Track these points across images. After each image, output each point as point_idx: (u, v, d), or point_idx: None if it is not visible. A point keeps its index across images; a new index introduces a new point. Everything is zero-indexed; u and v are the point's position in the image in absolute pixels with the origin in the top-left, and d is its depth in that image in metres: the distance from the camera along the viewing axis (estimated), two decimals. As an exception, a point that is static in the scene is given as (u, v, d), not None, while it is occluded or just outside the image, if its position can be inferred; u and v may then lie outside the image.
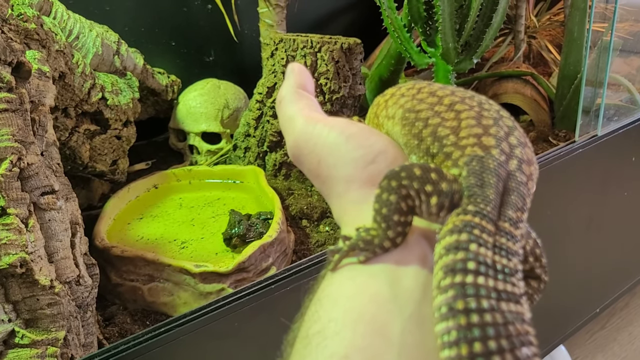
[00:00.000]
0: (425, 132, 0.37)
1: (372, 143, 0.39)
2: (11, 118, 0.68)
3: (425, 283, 0.31)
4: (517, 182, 0.33)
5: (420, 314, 0.30)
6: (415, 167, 0.32)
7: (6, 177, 0.66)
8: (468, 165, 0.33)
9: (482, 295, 0.26)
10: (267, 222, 0.99)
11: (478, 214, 0.30)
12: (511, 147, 0.34)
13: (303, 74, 0.45)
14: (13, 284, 0.68)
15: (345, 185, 0.38)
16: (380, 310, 0.30)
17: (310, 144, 0.39)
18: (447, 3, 1.07)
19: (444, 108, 0.37)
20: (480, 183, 0.32)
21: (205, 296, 0.86)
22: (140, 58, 1.23)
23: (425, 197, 0.32)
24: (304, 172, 0.41)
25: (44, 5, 0.96)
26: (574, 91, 1.37)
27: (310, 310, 0.33)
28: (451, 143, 0.35)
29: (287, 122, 0.42)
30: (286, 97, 0.44)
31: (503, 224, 0.30)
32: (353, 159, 0.38)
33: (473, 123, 0.35)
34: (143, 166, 1.33)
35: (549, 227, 1.24)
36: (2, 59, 0.67)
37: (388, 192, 0.32)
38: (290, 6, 1.47)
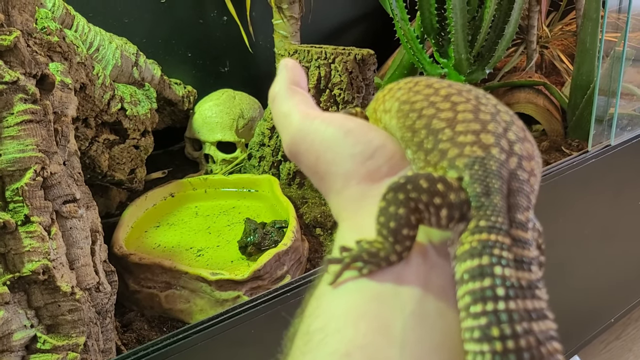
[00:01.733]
0: (419, 123, 0.36)
1: (371, 139, 0.38)
2: (35, 129, 0.70)
3: (426, 279, 0.31)
4: (519, 181, 0.33)
5: (421, 310, 0.30)
6: (420, 179, 0.32)
7: (30, 186, 0.68)
8: (470, 170, 0.32)
9: (515, 320, 0.27)
10: (282, 231, 1.01)
11: (493, 230, 0.30)
12: (510, 143, 0.34)
13: (296, 69, 0.44)
14: (35, 291, 0.69)
15: (344, 182, 0.37)
16: (381, 307, 0.30)
17: (308, 140, 0.39)
18: (460, 15, 1.09)
19: (439, 99, 0.36)
20: (486, 191, 0.31)
21: (222, 303, 0.88)
22: (158, 69, 1.25)
23: (435, 209, 0.31)
24: (302, 168, 0.40)
25: (66, 19, 0.98)
26: (587, 101, 1.37)
27: (311, 306, 0.33)
28: (447, 138, 0.34)
29: (282, 119, 0.41)
30: (279, 94, 0.42)
31: (516, 232, 0.31)
32: (351, 155, 0.37)
33: (470, 117, 0.34)
34: (159, 175, 1.35)
35: (563, 237, 1.24)
36: (27, 72, 0.70)
37: (396, 205, 0.32)
38: (304, 17, 1.49)
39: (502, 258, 0.29)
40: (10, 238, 0.67)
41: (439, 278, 0.32)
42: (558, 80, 1.79)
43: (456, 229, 0.32)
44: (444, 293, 0.31)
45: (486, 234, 0.30)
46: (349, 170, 0.37)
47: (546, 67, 1.86)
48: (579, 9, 1.77)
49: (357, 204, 0.36)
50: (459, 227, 0.32)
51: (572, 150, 1.35)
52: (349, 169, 0.37)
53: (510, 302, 0.28)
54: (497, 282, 0.28)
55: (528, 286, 0.28)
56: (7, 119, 0.68)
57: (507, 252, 0.29)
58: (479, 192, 0.31)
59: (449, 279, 0.31)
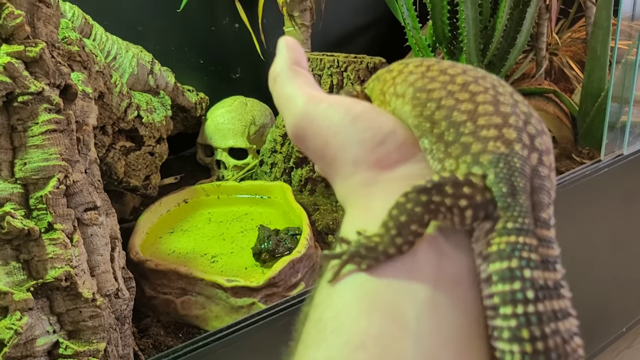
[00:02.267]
0: (439, 114, 0.35)
1: (381, 124, 0.37)
2: (59, 138, 0.71)
3: (437, 268, 0.31)
4: (541, 177, 0.33)
5: (434, 299, 0.30)
6: (446, 185, 0.32)
7: (54, 194, 0.70)
8: (495, 168, 0.32)
9: (544, 322, 0.28)
10: (295, 238, 1.02)
11: (521, 232, 0.31)
12: (531, 137, 0.34)
13: (297, 49, 0.42)
14: (58, 297, 0.71)
15: (353, 167, 0.36)
16: (394, 296, 0.30)
17: (314, 125, 0.37)
18: (472, 24, 1.10)
19: (457, 88, 0.36)
20: (512, 190, 0.31)
21: (237, 310, 0.88)
22: (172, 76, 1.27)
23: (459, 211, 0.32)
24: (307, 153, 0.39)
25: (84, 28, 1.00)
26: (598, 109, 1.38)
27: (322, 294, 0.32)
28: (469, 132, 0.34)
29: (285, 102, 0.40)
30: (281, 74, 0.41)
31: (541, 232, 0.31)
32: (361, 141, 0.36)
33: (491, 110, 0.34)
34: (172, 180, 1.36)
35: (575, 246, 1.25)
36: (52, 82, 0.71)
37: (415, 203, 0.31)
38: (315, 25, 1.50)
39: (530, 260, 0.30)
40: (34, 245, 0.69)
41: (450, 267, 0.32)
42: (567, 87, 1.80)
43: (481, 227, 0.32)
44: (456, 282, 0.31)
45: (514, 236, 0.31)
46: (358, 156, 0.36)
47: (555, 74, 1.86)
48: (588, 17, 1.77)
49: (366, 189, 0.36)
50: (484, 225, 0.32)
51: (583, 157, 1.35)
52: (358, 154, 0.36)
53: (539, 305, 0.29)
54: (527, 284, 0.29)
55: (554, 286, 0.30)
56: (32, 129, 0.69)
57: (535, 254, 0.30)
58: (505, 192, 0.32)
59: (461, 266, 0.32)
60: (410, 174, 0.35)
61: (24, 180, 0.69)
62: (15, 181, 0.69)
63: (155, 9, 1.37)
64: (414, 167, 0.36)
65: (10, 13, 0.67)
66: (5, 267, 0.68)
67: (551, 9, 1.73)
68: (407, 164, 0.36)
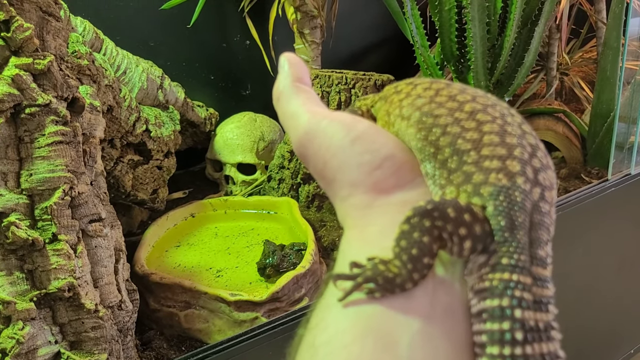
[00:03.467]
0: (443, 140, 0.35)
1: (379, 147, 0.37)
2: (65, 150, 0.72)
3: (432, 296, 0.31)
4: (541, 213, 0.32)
5: (427, 329, 0.30)
6: (448, 207, 0.31)
7: (59, 205, 0.70)
8: (495, 200, 0.32)
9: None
10: (300, 253, 1.01)
11: (515, 270, 0.30)
12: (535, 171, 0.33)
13: (299, 65, 0.42)
14: (60, 307, 0.71)
15: (350, 190, 0.36)
16: (388, 324, 0.30)
17: (315, 144, 0.37)
18: (480, 43, 1.10)
19: (464, 115, 0.35)
20: (510, 225, 0.31)
21: (240, 324, 0.88)
22: (182, 92, 1.28)
23: (459, 239, 0.31)
24: (309, 170, 0.39)
25: (95, 42, 1.02)
26: (607, 129, 1.37)
27: (317, 317, 0.32)
28: (472, 161, 0.33)
29: (289, 120, 0.40)
30: (284, 92, 0.41)
31: (537, 270, 0.31)
32: (359, 164, 0.36)
33: (497, 141, 0.34)
34: (180, 195, 1.37)
35: (581, 266, 1.23)
36: (59, 95, 0.72)
37: (421, 232, 0.31)
38: (325, 43, 1.52)
39: (522, 300, 0.29)
40: (38, 255, 0.69)
41: (445, 295, 0.31)
42: (578, 107, 1.79)
43: (475, 259, 0.32)
44: (451, 311, 0.31)
45: (508, 273, 0.30)
46: (356, 179, 0.36)
47: (566, 94, 1.86)
48: (599, 37, 1.77)
49: (362, 212, 0.36)
50: (478, 258, 0.31)
51: (592, 178, 1.34)
52: (355, 178, 0.36)
53: (527, 347, 0.28)
54: (517, 325, 0.29)
55: (545, 328, 0.29)
56: (39, 140, 0.70)
57: (528, 294, 0.30)
58: (503, 225, 0.31)
59: (455, 296, 0.31)
60: (407, 199, 0.35)
61: (29, 191, 0.70)
62: (21, 192, 0.70)
63: (167, 25, 1.39)
64: (412, 192, 0.36)
65: (20, 26, 0.69)
66: (9, 276, 0.68)
67: (561, 28, 1.73)
68: (404, 189, 0.36)
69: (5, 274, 0.68)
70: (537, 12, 1.15)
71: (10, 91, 0.67)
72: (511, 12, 1.11)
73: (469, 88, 0.38)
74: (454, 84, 0.39)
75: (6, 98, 0.67)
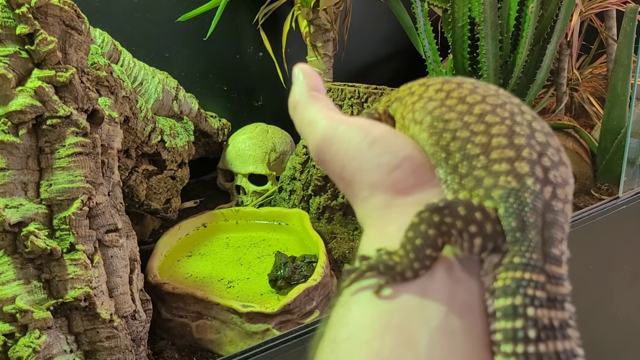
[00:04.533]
0: (454, 145, 0.35)
1: (398, 149, 0.37)
2: (84, 161, 0.73)
3: (451, 293, 0.31)
4: (554, 212, 0.33)
5: (447, 325, 0.30)
6: (459, 205, 0.32)
7: (77, 215, 0.72)
8: (505, 202, 0.32)
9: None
10: (312, 266, 1.02)
11: (527, 268, 0.31)
12: (545, 170, 0.33)
13: (313, 74, 0.43)
14: (76, 317, 0.72)
15: (369, 191, 0.37)
16: (408, 320, 0.30)
17: (334, 148, 0.38)
18: (493, 59, 1.11)
19: (473, 119, 0.36)
20: (522, 225, 0.31)
21: (251, 335, 0.89)
22: (195, 103, 1.29)
23: (469, 237, 0.32)
24: (328, 174, 0.40)
25: (113, 54, 1.03)
26: (617, 145, 1.37)
27: (337, 314, 0.33)
28: (482, 166, 0.34)
29: (307, 127, 0.40)
30: (301, 101, 0.41)
31: (550, 268, 0.31)
32: (377, 165, 0.37)
33: (505, 143, 0.34)
34: (191, 204, 1.38)
35: (592, 282, 1.23)
36: (80, 107, 0.73)
37: (428, 225, 0.32)
38: (337, 55, 1.53)
39: (535, 298, 0.30)
40: (56, 265, 0.70)
41: (464, 293, 0.32)
42: (587, 123, 1.79)
43: (490, 259, 0.32)
44: (469, 308, 0.31)
45: (520, 272, 0.31)
46: (375, 180, 0.37)
47: (576, 110, 1.86)
48: (609, 54, 1.78)
49: (381, 212, 0.36)
50: (492, 258, 0.32)
51: (602, 194, 1.34)
52: (374, 178, 0.37)
53: (541, 345, 0.28)
54: (529, 323, 0.29)
55: (560, 326, 0.29)
56: (59, 151, 0.71)
57: (541, 291, 0.30)
58: (514, 226, 0.32)
59: (474, 294, 0.32)
60: (426, 199, 0.36)
61: (48, 200, 0.71)
62: (40, 201, 0.72)
63: (182, 37, 1.41)
64: (430, 192, 0.36)
65: (44, 39, 0.70)
66: (27, 285, 0.69)
67: (572, 45, 1.74)
68: (423, 188, 0.37)
69: (23, 282, 0.69)
70: (550, 30, 1.16)
71: (32, 103, 0.69)
72: (524, 29, 1.12)
73: (480, 86, 0.38)
74: (465, 82, 0.39)
75: (28, 109, 0.69)
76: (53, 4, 0.72)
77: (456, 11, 1.14)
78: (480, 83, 0.39)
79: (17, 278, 0.69)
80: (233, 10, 1.44)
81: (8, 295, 0.67)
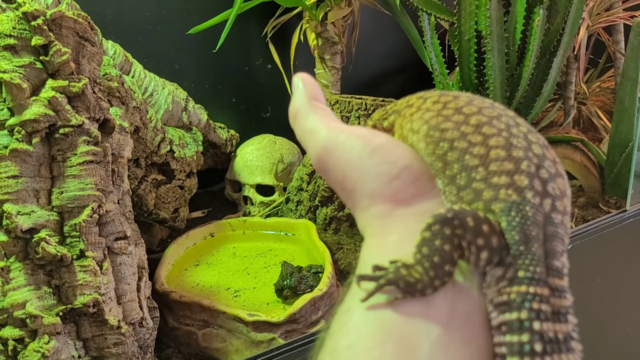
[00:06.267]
0: (451, 156, 0.36)
1: (397, 158, 0.37)
2: (95, 169, 0.75)
3: (452, 304, 0.32)
4: (554, 224, 0.33)
5: (447, 336, 0.30)
6: (467, 216, 0.32)
7: (87, 222, 0.73)
8: (507, 216, 0.32)
9: None
10: (318, 276, 1.03)
11: (532, 282, 0.31)
12: (543, 183, 0.34)
13: (312, 84, 0.43)
14: (85, 323, 0.73)
15: (369, 200, 0.37)
16: (409, 330, 0.30)
17: (334, 158, 0.38)
18: (499, 72, 1.12)
19: (470, 129, 0.36)
20: (524, 239, 0.32)
21: (257, 344, 0.89)
22: (204, 114, 1.31)
23: (476, 249, 0.32)
24: (329, 183, 0.40)
25: (124, 65, 1.05)
26: (625, 158, 1.37)
27: (339, 322, 0.33)
28: (481, 178, 0.34)
29: (307, 136, 0.40)
30: (301, 110, 0.41)
31: (553, 281, 0.31)
32: (377, 175, 0.37)
33: (503, 155, 0.34)
34: (199, 214, 1.39)
35: (600, 296, 1.23)
36: (91, 116, 0.75)
37: (442, 239, 0.32)
38: (344, 68, 1.54)
39: (540, 312, 0.30)
40: (66, 271, 0.71)
41: (465, 304, 0.32)
42: (595, 136, 1.79)
43: (493, 272, 0.32)
44: (470, 319, 0.32)
45: (525, 286, 0.31)
46: (375, 189, 0.37)
47: (583, 123, 1.86)
48: (617, 67, 1.78)
49: (382, 222, 0.36)
50: (495, 271, 0.32)
51: (610, 207, 1.34)
52: (374, 188, 0.37)
53: (547, 358, 0.29)
54: (536, 337, 0.29)
55: (564, 339, 0.30)
56: (71, 159, 0.73)
57: (546, 305, 0.30)
58: (517, 239, 0.32)
59: (474, 304, 0.32)
60: (426, 209, 0.36)
61: (60, 208, 0.73)
62: (51, 209, 0.73)
63: (192, 49, 1.43)
64: (430, 202, 0.37)
65: (58, 50, 0.72)
66: (37, 291, 0.71)
67: (580, 58, 1.75)
68: (422, 199, 0.37)
69: (34, 288, 0.70)
70: (556, 43, 1.16)
71: (46, 112, 0.70)
72: (530, 42, 1.13)
73: (476, 99, 0.39)
74: (461, 95, 0.39)
75: (42, 118, 0.70)
76: (67, 17, 0.74)
77: (463, 24, 1.15)
78: (476, 97, 0.39)
79: (27, 284, 0.70)
80: (242, 23, 1.46)
81: (19, 300, 0.69)
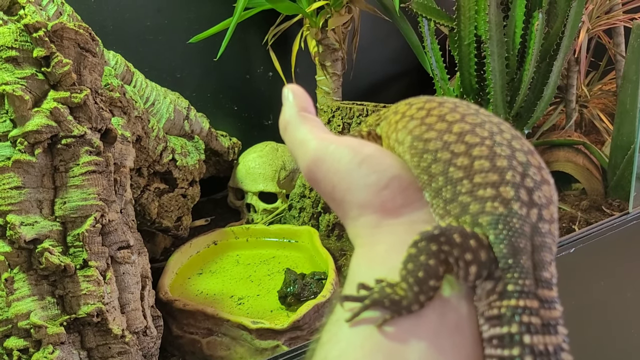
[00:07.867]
0: (435, 168, 0.36)
1: (385, 168, 0.37)
2: (98, 179, 0.75)
3: (441, 314, 0.32)
4: (541, 234, 0.33)
5: (436, 347, 0.30)
6: (454, 233, 0.32)
7: (90, 232, 0.73)
8: (494, 229, 0.32)
9: None
10: (321, 282, 1.03)
11: (521, 295, 0.31)
12: (529, 192, 0.33)
13: (302, 95, 0.43)
14: (89, 332, 0.73)
15: (359, 210, 0.37)
16: (398, 340, 0.31)
17: (324, 168, 0.38)
18: (499, 76, 1.12)
19: (453, 138, 0.36)
20: (513, 252, 0.32)
21: (261, 352, 0.89)
22: (206, 122, 1.32)
23: (465, 264, 0.32)
24: (320, 193, 0.40)
25: (126, 75, 1.06)
26: (628, 161, 1.37)
27: (329, 332, 0.33)
28: (466, 191, 0.34)
29: (298, 147, 0.41)
30: (291, 121, 0.42)
31: (542, 292, 0.31)
32: (366, 185, 0.37)
33: (487, 166, 0.34)
34: (202, 222, 1.39)
35: (603, 300, 1.23)
36: (93, 127, 0.75)
37: (427, 255, 0.32)
38: (345, 74, 1.55)
39: (530, 325, 0.30)
40: (69, 281, 0.72)
41: (453, 313, 0.32)
42: (598, 139, 1.79)
43: (483, 286, 0.32)
44: (458, 329, 0.32)
45: (515, 300, 0.31)
46: (364, 199, 0.37)
47: (585, 126, 1.86)
48: (618, 70, 1.78)
49: (371, 231, 0.36)
50: (486, 284, 0.32)
51: (613, 210, 1.34)
52: (363, 198, 0.37)
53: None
54: (526, 350, 0.30)
55: (554, 351, 0.30)
56: (73, 169, 0.73)
57: (536, 318, 0.31)
58: (505, 253, 0.32)
59: (463, 314, 0.32)
60: (415, 219, 0.36)
61: (62, 218, 0.73)
62: (54, 219, 0.73)
63: (193, 58, 1.43)
64: (419, 212, 0.37)
65: (59, 61, 0.72)
66: (41, 301, 0.71)
67: (581, 61, 1.75)
68: (411, 209, 0.37)
69: (38, 298, 0.71)
70: (556, 47, 1.17)
71: (48, 123, 0.71)
72: (530, 46, 1.13)
73: (461, 105, 0.39)
74: (447, 102, 0.39)
75: (44, 129, 0.71)
76: (69, 28, 0.74)
77: (462, 30, 1.16)
78: (462, 102, 0.39)
79: (31, 294, 0.70)
80: (243, 32, 1.47)
81: (23, 311, 0.69)
